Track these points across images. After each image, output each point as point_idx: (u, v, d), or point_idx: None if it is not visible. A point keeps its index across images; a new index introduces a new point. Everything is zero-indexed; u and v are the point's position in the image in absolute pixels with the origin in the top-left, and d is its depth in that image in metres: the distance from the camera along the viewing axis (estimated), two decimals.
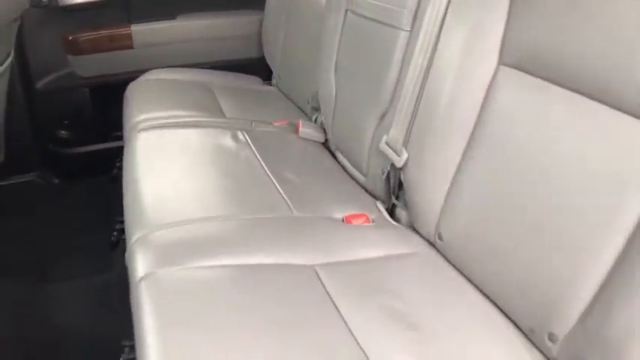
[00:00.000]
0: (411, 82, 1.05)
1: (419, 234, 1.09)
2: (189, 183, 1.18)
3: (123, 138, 1.62)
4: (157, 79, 1.95)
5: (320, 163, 1.42)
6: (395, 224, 1.15)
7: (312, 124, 1.59)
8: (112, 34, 2.07)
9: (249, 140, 1.43)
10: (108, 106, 2.04)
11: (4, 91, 1.78)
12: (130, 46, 2.10)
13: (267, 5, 2.08)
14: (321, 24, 1.52)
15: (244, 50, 2.19)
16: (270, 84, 2.10)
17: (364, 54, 1.28)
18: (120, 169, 1.45)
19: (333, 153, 1.49)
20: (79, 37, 2.03)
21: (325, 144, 1.54)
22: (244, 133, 1.47)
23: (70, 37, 2.02)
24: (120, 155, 1.55)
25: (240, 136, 1.45)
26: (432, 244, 1.06)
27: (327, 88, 1.45)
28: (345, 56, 1.38)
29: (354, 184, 1.31)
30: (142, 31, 2.09)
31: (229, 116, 1.65)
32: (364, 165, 1.26)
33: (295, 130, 1.55)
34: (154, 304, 0.82)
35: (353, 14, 1.34)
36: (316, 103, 1.58)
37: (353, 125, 1.31)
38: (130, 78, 1.97)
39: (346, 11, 1.37)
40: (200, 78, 1.99)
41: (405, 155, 1.07)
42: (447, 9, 0.98)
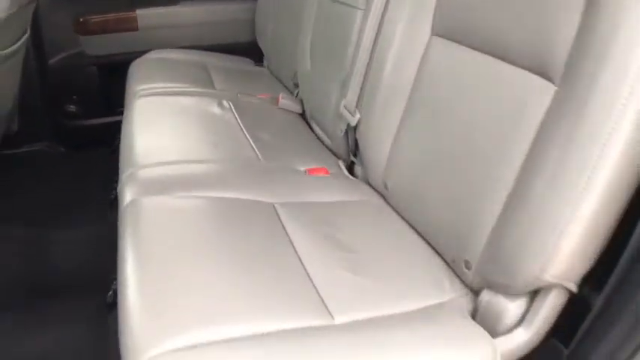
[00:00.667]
0: (363, 54, 1.24)
1: (371, 186, 1.27)
2: (175, 135, 1.38)
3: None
4: (157, 57, 2.13)
5: (293, 128, 1.61)
6: (350, 177, 1.33)
7: (292, 97, 1.78)
8: (118, 17, 2.26)
9: (232, 107, 1.62)
10: (113, 83, 2.21)
11: (19, 66, 1.97)
12: (135, 29, 2.28)
13: None
14: (303, 10, 1.71)
15: (239, 34, 2.36)
16: (262, 66, 2.29)
17: (330, 32, 1.48)
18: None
19: (308, 123, 1.68)
20: (88, 18, 2.22)
21: (303, 115, 1.72)
22: (229, 102, 1.66)
23: (81, 19, 2.21)
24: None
25: (225, 104, 1.64)
26: (380, 193, 1.24)
27: (304, 64, 1.64)
28: (318, 36, 1.58)
29: (320, 145, 1.50)
30: (146, 15, 2.27)
31: (218, 88, 1.84)
32: (329, 128, 1.45)
33: (276, 103, 1.74)
34: (135, 225, 0.97)
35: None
36: (297, 79, 1.77)
37: (322, 94, 1.49)
38: (134, 57, 2.14)
39: None
40: (197, 58, 2.17)
41: (358, 116, 1.25)
42: None
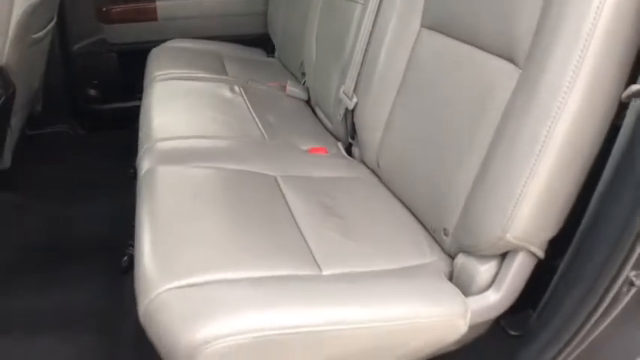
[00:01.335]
0: (360, 44, 1.36)
1: (366, 165, 1.39)
2: (189, 114, 1.51)
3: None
4: (175, 46, 2.26)
5: (298, 113, 1.74)
6: (348, 157, 1.45)
7: (299, 84, 1.90)
8: (139, 7, 2.40)
9: (242, 93, 1.75)
10: (132, 70, 2.32)
11: (45, 51, 2.11)
12: (155, 19, 2.41)
13: None
14: (310, 4, 1.83)
15: (252, 26, 2.49)
16: (273, 57, 2.41)
17: (333, 25, 1.60)
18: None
19: (313, 110, 1.79)
20: (111, 8, 2.36)
21: (308, 102, 1.84)
22: (240, 87, 1.79)
23: (104, 9, 2.35)
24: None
25: (236, 89, 1.76)
26: (374, 172, 1.35)
27: (310, 54, 1.76)
28: (322, 28, 1.71)
29: (322, 128, 1.63)
30: (165, 6, 2.41)
31: (231, 76, 1.97)
32: (331, 112, 1.56)
33: (284, 90, 1.86)
34: (151, 189, 1.09)
35: None
36: (304, 69, 1.89)
37: (324, 81, 1.61)
38: (153, 46, 2.26)
39: None
40: (212, 48, 2.30)
41: (355, 100, 1.37)
42: None
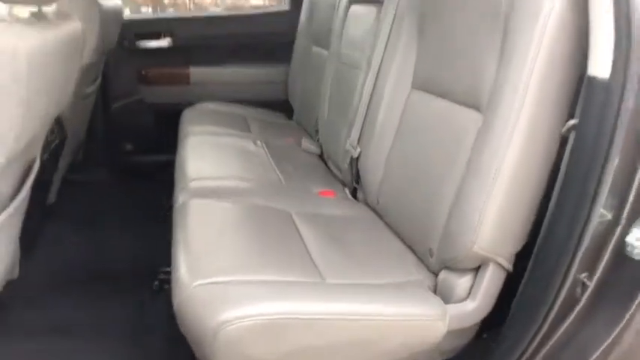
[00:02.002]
0: (363, 104, 1.61)
1: (369, 206, 1.60)
2: (218, 161, 1.77)
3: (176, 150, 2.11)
4: (206, 108, 2.53)
5: (311, 163, 1.98)
6: (353, 199, 1.67)
7: (313, 141, 2.15)
8: (174, 72, 2.73)
9: (263, 146, 2.00)
10: (165, 127, 2.58)
11: (91, 106, 2.41)
12: (188, 83, 2.75)
13: (292, 60, 2.70)
14: (324, 73, 2.12)
15: (274, 93, 2.78)
16: (292, 120, 2.69)
17: (341, 89, 1.88)
18: (171, 174, 1.90)
19: (325, 162, 2.03)
20: (149, 72, 2.70)
21: (321, 156, 2.08)
22: (262, 142, 2.04)
23: (142, 72, 2.69)
24: (171, 165, 2.00)
25: (258, 143, 2.02)
26: (375, 211, 1.56)
27: (323, 114, 2.03)
28: (333, 91, 1.98)
29: (332, 175, 1.86)
30: (197, 72, 2.74)
31: (253, 133, 2.23)
32: (339, 161, 1.80)
33: (300, 146, 2.11)
34: (185, 217, 1.31)
35: (338, 63, 1.95)
36: (317, 127, 2.14)
37: (334, 136, 1.86)
38: (185, 107, 2.54)
39: (336, 62, 1.98)
40: (238, 110, 2.58)
41: (359, 150, 1.61)
42: (383, 54, 1.55)
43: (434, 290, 1.19)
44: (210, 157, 1.80)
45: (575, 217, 0.94)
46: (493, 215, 1.03)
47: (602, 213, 0.93)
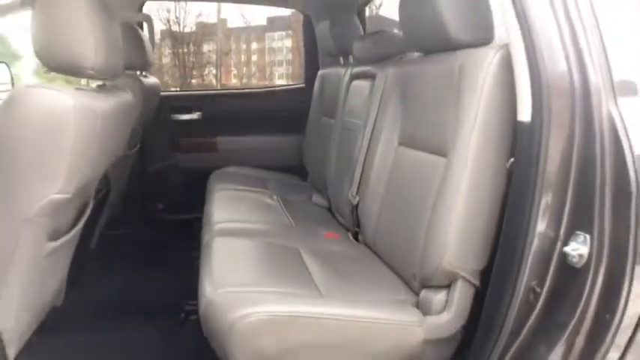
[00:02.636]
0: (361, 159, 1.91)
1: (368, 247, 1.85)
2: (240, 210, 2.08)
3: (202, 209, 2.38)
4: (231, 171, 2.85)
5: (320, 214, 2.27)
6: (354, 241, 1.93)
7: (322, 196, 2.45)
8: (203, 141, 3.11)
9: (279, 200, 2.31)
10: (194, 189, 2.85)
11: (129, 168, 2.74)
12: (215, 150, 3.11)
13: (306, 130, 3.05)
14: (331, 137, 2.46)
15: (291, 158, 3.12)
16: (306, 182, 3.00)
17: (344, 148, 2.20)
18: (199, 230, 2.16)
19: (332, 213, 2.31)
20: (181, 140, 3.07)
21: (330, 209, 2.37)
22: (278, 197, 2.35)
23: (175, 140, 3.06)
24: (198, 221, 2.26)
25: (275, 198, 2.33)
26: (373, 251, 1.81)
27: (330, 172, 2.35)
28: (338, 152, 2.31)
29: (338, 223, 2.14)
30: (223, 141, 3.11)
31: (271, 190, 2.54)
32: (342, 209, 2.08)
33: (311, 200, 2.41)
34: (210, 250, 1.59)
35: (342, 129, 2.30)
36: (326, 182, 2.45)
37: (340, 190, 2.15)
38: (213, 171, 2.85)
39: (340, 128, 2.33)
40: (259, 173, 2.89)
41: (357, 199, 1.89)
42: (375, 119, 1.86)
43: (416, 306, 1.42)
44: (232, 207, 2.11)
45: (519, 235, 1.17)
46: (455, 236, 1.28)
47: (544, 230, 1.15)
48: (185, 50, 8.19)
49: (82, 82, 1.41)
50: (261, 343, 1.20)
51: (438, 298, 1.34)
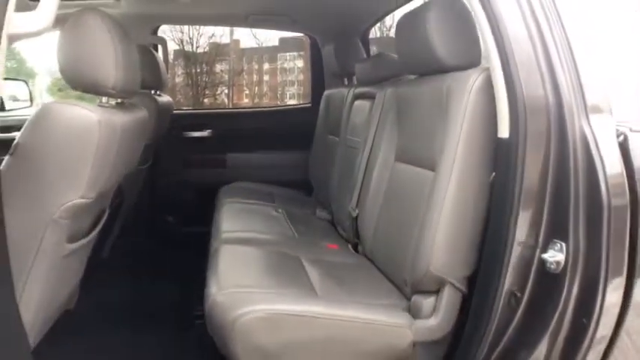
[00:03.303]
0: (360, 174, 2.03)
1: (366, 257, 1.95)
2: (246, 221, 2.20)
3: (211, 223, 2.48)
4: (239, 186, 2.97)
5: (322, 226, 2.38)
6: (354, 252, 2.03)
7: (326, 210, 2.56)
8: (213, 157, 3.24)
9: (283, 213, 2.42)
10: (203, 203, 2.96)
11: (141, 182, 2.85)
12: (224, 166, 3.24)
13: (312, 147, 3.17)
14: (335, 155, 2.58)
15: (297, 174, 3.22)
16: (311, 197, 3.11)
17: (345, 165, 2.32)
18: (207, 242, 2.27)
19: (335, 226, 2.41)
20: (192, 156, 3.20)
21: (332, 222, 2.47)
22: (283, 210, 2.46)
23: (187, 156, 3.19)
24: (207, 235, 2.36)
25: (280, 210, 2.45)
26: (371, 261, 1.90)
27: (333, 187, 2.46)
28: (340, 169, 2.43)
29: (339, 235, 2.24)
30: (232, 157, 3.24)
31: (277, 204, 2.66)
32: (343, 222, 2.19)
33: (314, 214, 2.52)
34: (217, 257, 1.70)
35: (345, 146, 2.44)
36: (329, 197, 2.56)
37: (341, 203, 2.26)
38: (222, 185, 2.98)
39: (343, 146, 2.46)
40: (266, 189, 3.01)
41: (357, 211, 1.99)
42: (374, 137, 1.98)
43: (407, 311, 1.51)
44: (239, 218, 2.23)
45: (500, 243, 1.27)
46: (442, 243, 1.38)
47: (524, 239, 1.25)
48: (198, 70, 8.38)
49: (97, 99, 1.53)
50: (261, 339, 1.31)
51: (427, 302, 1.44)
